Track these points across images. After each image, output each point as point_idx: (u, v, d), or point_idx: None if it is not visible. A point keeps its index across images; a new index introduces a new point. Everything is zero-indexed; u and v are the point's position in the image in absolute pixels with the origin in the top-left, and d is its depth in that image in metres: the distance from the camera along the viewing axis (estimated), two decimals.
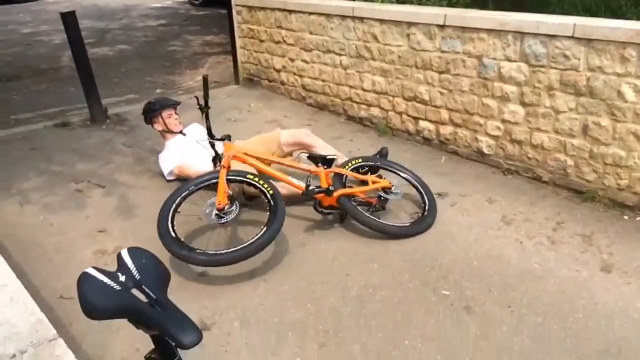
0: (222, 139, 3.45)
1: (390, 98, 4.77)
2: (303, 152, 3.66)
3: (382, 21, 4.59)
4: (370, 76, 4.89)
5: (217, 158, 3.53)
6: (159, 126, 4.14)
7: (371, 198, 3.46)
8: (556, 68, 3.52)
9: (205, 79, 3.41)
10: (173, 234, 2.96)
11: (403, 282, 2.90)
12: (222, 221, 3.03)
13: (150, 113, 4.15)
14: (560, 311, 2.60)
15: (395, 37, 4.53)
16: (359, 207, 3.30)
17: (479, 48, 3.94)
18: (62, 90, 6.64)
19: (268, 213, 3.08)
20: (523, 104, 3.78)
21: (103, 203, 3.86)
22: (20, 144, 4.92)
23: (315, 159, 3.49)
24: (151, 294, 0.97)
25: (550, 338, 2.45)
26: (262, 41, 6.04)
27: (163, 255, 2.90)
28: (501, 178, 3.97)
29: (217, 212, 3.03)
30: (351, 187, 3.48)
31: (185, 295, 2.83)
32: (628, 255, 2.99)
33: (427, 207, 3.43)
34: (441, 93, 4.32)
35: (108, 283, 0.97)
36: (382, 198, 3.45)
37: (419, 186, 3.58)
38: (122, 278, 0.99)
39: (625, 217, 3.35)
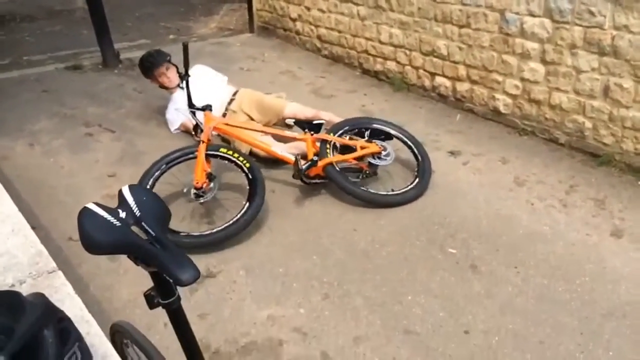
0: (202, 109, 3.30)
1: (407, 52, 4.65)
2: (290, 119, 3.52)
3: None
4: (387, 28, 4.76)
5: (197, 128, 3.37)
6: (155, 83, 3.99)
7: (362, 164, 3.31)
8: (580, 25, 3.38)
9: (185, 46, 3.28)
10: None
11: (410, 238, 2.89)
12: (202, 200, 2.94)
13: (144, 74, 4.02)
14: (567, 274, 2.58)
15: None
16: (346, 175, 3.17)
17: (502, 2, 3.80)
18: (74, 33, 6.56)
19: (247, 187, 2.99)
20: (544, 62, 3.66)
21: (112, 148, 3.85)
22: (32, 86, 4.90)
23: (301, 124, 3.38)
24: (151, 231, 0.95)
25: (554, 299, 2.44)
26: None
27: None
28: (516, 139, 3.90)
29: (195, 191, 2.92)
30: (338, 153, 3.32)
31: None
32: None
33: (419, 173, 3.28)
34: (460, 48, 4.19)
35: (108, 219, 0.96)
36: (373, 164, 3.28)
37: (414, 148, 3.42)
38: (122, 214, 0.97)
39: None
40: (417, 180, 3.25)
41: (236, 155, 3.09)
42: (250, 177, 3.01)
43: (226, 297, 2.53)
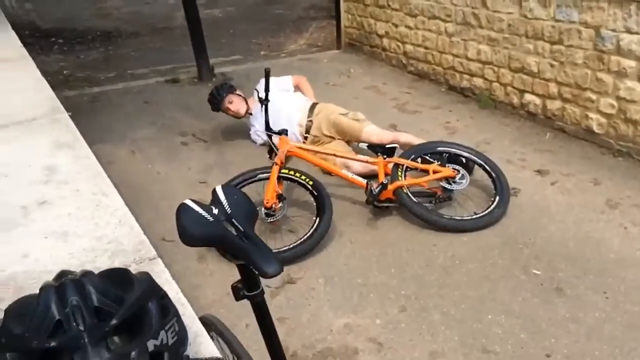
0: (278, 133, 3.41)
1: (496, 68, 4.58)
2: (363, 142, 3.53)
3: None
4: (475, 45, 4.71)
5: (272, 151, 3.45)
6: (230, 113, 4.15)
7: (435, 188, 3.25)
8: None
9: (267, 72, 3.42)
10: None
11: (492, 257, 2.84)
12: (271, 220, 3.02)
13: (215, 109, 4.17)
14: None
15: (506, 4, 4.32)
16: (417, 199, 3.11)
17: (597, 18, 3.66)
18: (174, 49, 6.99)
19: (315, 204, 3.07)
20: None
21: (204, 157, 4.07)
22: (135, 97, 5.28)
23: (374, 148, 3.38)
24: (240, 227, 1.03)
25: None
26: (366, 5, 5.98)
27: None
28: (610, 160, 3.72)
29: (265, 210, 3.00)
30: (411, 177, 3.29)
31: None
32: None
33: (497, 198, 3.16)
34: (551, 65, 4.08)
35: (203, 214, 1.04)
36: (447, 188, 3.21)
37: (492, 173, 3.30)
38: (215, 211, 1.05)
39: None
40: (493, 205, 3.13)
41: (298, 174, 3.18)
42: (315, 193, 3.09)
43: (305, 303, 2.60)
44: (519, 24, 4.25)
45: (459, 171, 3.27)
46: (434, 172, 3.26)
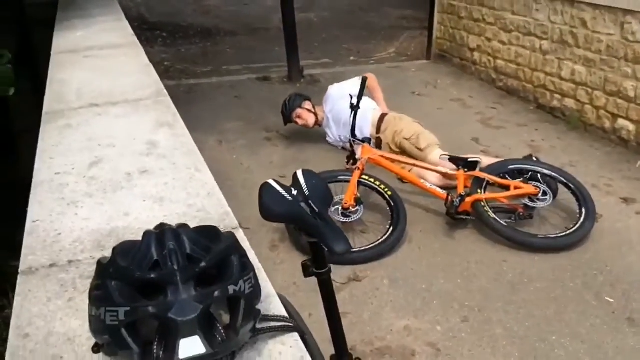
0: (362, 141, 3.51)
1: (590, 90, 4.44)
2: (445, 155, 3.54)
3: (595, 6, 4.26)
4: (571, 64, 4.59)
5: (352, 157, 3.54)
6: (301, 123, 4.27)
7: (516, 205, 3.20)
8: None
9: (364, 80, 3.51)
10: None
11: (564, 279, 2.78)
12: (345, 220, 3.10)
13: (285, 122, 4.32)
14: None
15: (607, 25, 4.18)
16: (496, 215, 3.09)
17: None
18: (268, 49, 7.26)
19: (390, 213, 3.14)
20: None
21: (285, 152, 4.24)
22: (226, 91, 5.56)
23: (456, 160, 3.38)
24: (315, 208, 1.12)
25: None
26: (460, 18, 5.96)
27: None
28: None
29: (342, 210, 3.10)
30: (491, 193, 3.25)
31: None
32: None
33: (581, 220, 3.06)
34: None
35: (283, 193, 1.15)
36: (528, 206, 3.16)
37: (577, 194, 3.20)
38: (294, 192, 1.16)
39: None
40: (575, 227, 3.05)
41: (378, 182, 3.26)
42: (392, 204, 3.16)
43: (368, 301, 2.67)
44: (619, 46, 4.11)
45: (541, 189, 3.22)
46: (516, 188, 3.23)
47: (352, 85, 4.11)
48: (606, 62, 4.24)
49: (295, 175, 1.25)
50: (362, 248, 2.98)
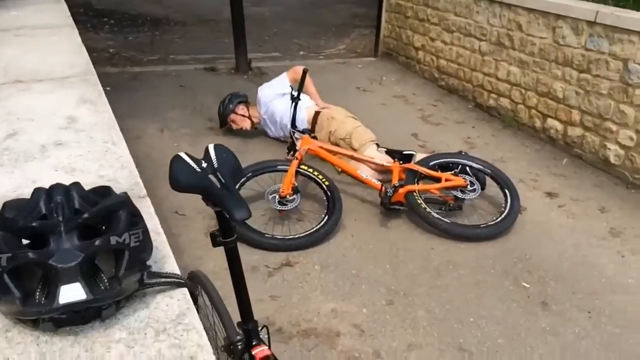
0: (302, 132, 3.59)
1: (523, 91, 4.64)
2: (382, 148, 3.64)
3: (530, 10, 4.45)
4: (506, 65, 4.78)
5: (292, 147, 3.61)
6: (236, 127, 4.30)
7: (447, 196, 3.36)
8: None
9: (304, 72, 3.60)
10: None
11: (486, 266, 2.91)
12: (282, 208, 3.16)
13: (222, 124, 4.35)
14: None
15: (540, 29, 4.38)
16: (428, 205, 3.21)
17: (626, 51, 3.71)
18: (217, 40, 7.23)
19: (326, 203, 3.21)
20: None
21: (227, 143, 4.20)
22: (172, 80, 5.52)
23: (392, 153, 3.50)
24: (222, 180, 1.17)
25: (623, 349, 2.35)
26: (406, 17, 6.10)
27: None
28: (623, 191, 3.74)
29: (279, 199, 3.15)
30: (424, 185, 3.38)
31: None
32: None
33: (505, 212, 3.22)
34: (577, 93, 4.12)
35: (192, 165, 1.19)
36: (458, 197, 3.31)
37: (504, 187, 3.37)
38: (204, 164, 1.21)
39: None
40: (500, 218, 3.20)
41: (316, 173, 3.33)
42: (329, 194, 3.23)
43: (298, 285, 2.73)
44: (550, 50, 4.31)
45: (471, 182, 3.36)
46: (447, 180, 3.36)
47: (281, 83, 4.14)
48: (538, 64, 4.44)
49: (206, 149, 1.30)
50: (297, 235, 3.04)
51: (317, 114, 4.07)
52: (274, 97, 4.12)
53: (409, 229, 3.24)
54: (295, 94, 3.67)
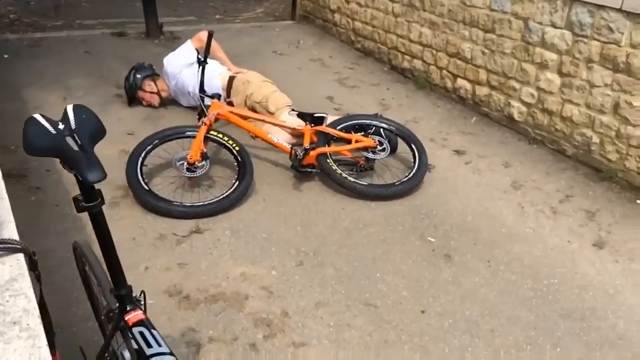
0: (211, 97, 3.50)
1: (434, 52, 4.72)
2: (293, 110, 3.64)
3: None
4: (418, 27, 4.84)
5: (202, 113, 3.53)
6: (145, 104, 4.15)
7: (358, 157, 3.41)
8: (598, 40, 3.39)
9: (210, 35, 3.50)
10: (145, 186, 2.99)
11: (394, 224, 2.99)
12: (191, 175, 3.09)
13: (130, 101, 4.16)
14: (537, 274, 2.63)
15: None
16: (340, 167, 3.24)
17: (527, 10, 3.83)
18: (128, 4, 6.89)
19: (237, 168, 3.16)
20: (560, 73, 3.67)
21: (137, 110, 4.09)
22: (76, 46, 5.23)
23: (304, 116, 3.49)
24: (80, 142, 1.11)
25: (517, 295, 2.49)
26: None
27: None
28: (525, 146, 3.92)
29: (188, 165, 3.07)
30: (335, 146, 3.40)
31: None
32: (626, 237, 2.94)
33: (414, 170, 3.30)
34: (483, 52, 4.24)
35: (47, 127, 1.12)
36: (369, 158, 3.37)
37: (412, 146, 3.45)
38: (60, 126, 1.14)
39: (638, 201, 3.27)
40: (408, 177, 3.27)
41: (226, 138, 3.27)
42: (240, 159, 3.19)
43: (207, 252, 2.70)
44: (458, 10, 4.39)
45: (381, 142, 3.41)
46: (357, 141, 3.39)
47: (187, 51, 3.99)
48: (447, 25, 4.52)
49: (65, 110, 1.23)
50: (206, 202, 2.99)
51: (231, 79, 3.99)
52: (182, 68, 3.99)
53: (321, 190, 3.26)
54: (202, 57, 3.57)
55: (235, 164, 3.22)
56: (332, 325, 2.29)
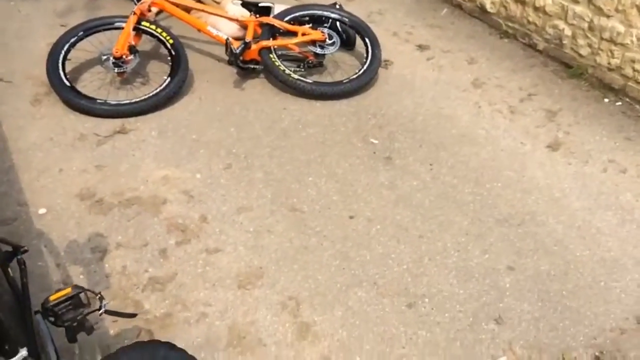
0: None
1: None
2: (237, 0, 3.29)
3: None
4: None
5: (137, 1, 3.13)
6: None
7: (307, 52, 3.11)
8: None
9: None
10: (67, 82, 2.73)
11: (337, 124, 2.78)
12: (120, 70, 2.82)
13: None
14: (480, 177, 2.46)
15: None
16: (285, 63, 2.97)
17: None
18: None
19: (170, 64, 2.89)
20: None
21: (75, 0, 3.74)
22: None
23: (248, 6, 3.16)
24: None
25: (455, 200, 2.34)
26: None
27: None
28: (496, 41, 3.61)
29: (114, 60, 2.78)
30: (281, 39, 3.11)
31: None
32: (585, 138, 2.74)
33: (365, 66, 3.03)
34: None
35: None
36: (317, 53, 3.08)
37: (366, 40, 3.15)
38: None
39: (606, 99, 3.02)
40: (357, 74, 3.00)
41: (159, 30, 2.96)
42: (173, 53, 2.91)
43: (129, 153, 2.51)
44: None
45: (330, 36, 3.11)
46: (303, 34, 3.10)
47: None
48: None
49: None
50: (133, 100, 2.76)
51: None
52: None
53: (264, 89, 3.02)
54: None
55: (169, 58, 2.95)
56: (252, 232, 2.16)
